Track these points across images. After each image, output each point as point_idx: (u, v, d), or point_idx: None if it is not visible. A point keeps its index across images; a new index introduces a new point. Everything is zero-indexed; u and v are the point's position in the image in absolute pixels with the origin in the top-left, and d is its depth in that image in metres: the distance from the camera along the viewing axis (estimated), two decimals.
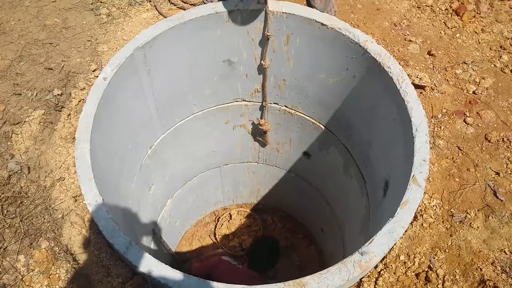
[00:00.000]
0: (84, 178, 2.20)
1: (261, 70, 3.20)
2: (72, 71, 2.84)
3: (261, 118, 3.85)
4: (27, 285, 1.99)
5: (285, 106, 3.64)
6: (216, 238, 5.35)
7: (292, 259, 5.27)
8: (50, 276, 2.04)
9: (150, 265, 2.04)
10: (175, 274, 2.04)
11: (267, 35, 2.80)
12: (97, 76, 2.48)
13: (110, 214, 2.16)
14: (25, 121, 2.57)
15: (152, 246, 4.02)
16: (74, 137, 2.22)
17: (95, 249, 2.25)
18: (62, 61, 2.84)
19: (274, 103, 3.65)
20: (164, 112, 3.28)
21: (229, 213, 5.57)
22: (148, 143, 3.38)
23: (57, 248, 2.16)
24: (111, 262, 2.22)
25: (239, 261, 4.98)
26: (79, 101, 2.76)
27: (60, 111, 2.70)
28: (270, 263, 3.61)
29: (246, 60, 3.17)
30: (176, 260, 4.74)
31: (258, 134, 4.16)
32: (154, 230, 4.06)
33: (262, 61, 3.05)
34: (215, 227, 5.48)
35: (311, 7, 3.26)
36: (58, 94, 2.69)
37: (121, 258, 2.22)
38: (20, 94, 2.64)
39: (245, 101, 3.66)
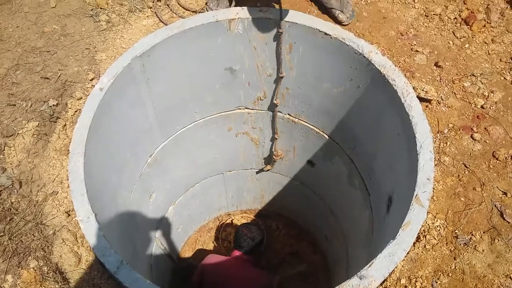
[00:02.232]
0: (76, 193, 2.16)
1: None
2: (69, 80, 2.78)
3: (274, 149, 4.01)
4: None
5: (288, 114, 3.58)
6: (220, 244, 5.31)
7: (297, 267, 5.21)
8: None
9: (141, 286, 2.00)
10: None
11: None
12: (95, 86, 2.42)
13: (102, 231, 2.11)
14: (18, 133, 2.53)
15: (154, 253, 3.98)
16: (69, 150, 2.16)
17: (86, 267, 2.20)
18: (59, 70, 2.78)
19: (278, 111, 3.58)
20: (164, 121, 3.23)
21: (232, 219, 5.52)
22: (148, 152, 3.33)
23: (46, 268, 2.11)
24: (102, 281, 2.16)
25: None
26: (75, 111, 2.70)
27: (55, 122, 2.64)
28: (254, 247, 3.67)
29: (248, 68, 3.11)
30: (178, 266, 4.71)
31: (268, 161, 4.33)
32: (156, 237, 4.03)
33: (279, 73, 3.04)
34: (219, 232, 5.43)
35: (327, 8, 3.19)
36: (53, 105, 2.64)
37: (112, 277, 2.17)
38: (15, 105, 2.59)
39: (248, 108, 3.60)
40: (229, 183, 4.81)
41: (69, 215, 2.37)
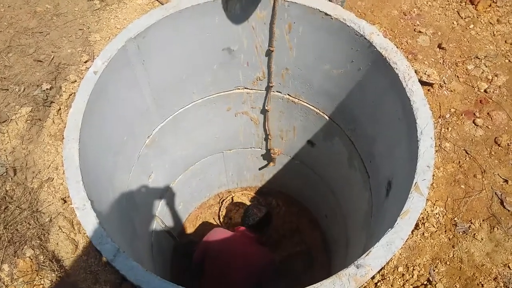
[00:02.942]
0: (71, 181, 2.13)
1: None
2: (62, 62, 2.71)
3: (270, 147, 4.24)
4: None
5: (288, 94, 3.51)
6: (220, 221, 5.33)
7: (297, 243, 5.25)
8: (34, 287, 1.99)
9: (137, 275, 1.99)
10: (163, 284, 1.99)
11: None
12: (89, 68, 2.37)
13: (99, 218, 2.09)
14: (11, 119, 2.48)
15: (154, 231, 4.00)
16: (63, 135, 2.13)
17: (83, 254, 2.19)
18: (52, 52, 2.71)
19: (277, 91, 3.52)
20: (161, 102, 3.18)
21: (233, 196, 5.52)
22: (146, 133, 3.28)
23: (42, 257, 2.10)
24: (100, 268, 2.16)
25: None
26: (70, 95, 2.64)
27: (49, 106, 2.59)
28: (260, 226, 3.67)
29: (247, 48, 3.03)
30: (179, 243, 4.74)
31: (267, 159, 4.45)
32: (156, 216, 4.04)
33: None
34: (219, 209, 5.45)
35: None
36: (47, 89, 2.57)
37: (109, 264, 2.17)
38: (7, 90, 2.53)
39: (247, 88, 3.53)
40: (229, 161, 4.79)
41: (65, 201, 2.35)
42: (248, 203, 5.46)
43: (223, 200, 5.52)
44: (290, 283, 4.27)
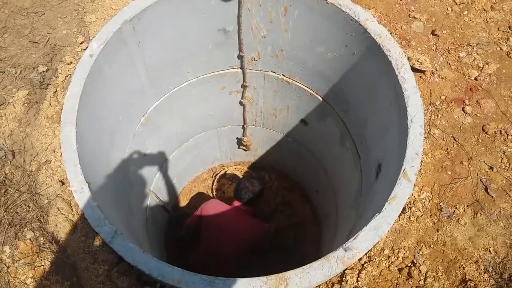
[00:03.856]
0: (69, 164, 2.17)
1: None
2: (58, 44, 2.71)
3: (243, 135, 4.58)
4: (13, 277, 2.02)
5: (282, 75, 3.55)
6: (213, 194, 5.42)
7: (288, 216, 5.37)
8: (35, 268, 2.06)
9: (134, 256, 2.06)
10: (159, 265, 2.07)
11: None
12: (85, 49, 2.38)
13: (96, 201, 2.15)
14: (9, 102, 2.50)
15: (148, 206, 4.08)
16: (60, 118, 2.16)
17: (81, 234, 2.25)
18: (48, 33, 2.70)
19: (272, 71, 3.55)
20: (156, 81, 3.20)
21: (226, 171, 5.59)
22: (141, 112, 3.32)
23: (42, 239, 2.16)
24: (98, 248, 2.23)
25: None
26: (66, 77, 2.65)
27: (46, 88, 2.60)
28: (252, 198, 3.80)
29: (242, 29, 3.03)
30: (173, 216, 4.84)
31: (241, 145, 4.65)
32: (151, 191, 4.11)
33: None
34: (213, 183, 5.53)
35: None
36: (43, 71, 2.58)
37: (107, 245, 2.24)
38: (4, 72, 2.54)
39: (242, 68, 3.55)
40: (223, 138, 4.84)
41: (63, 183, 2.39)
42: (241, 177, 5.54)
43: (216, 174, 5.60)
44: (281, 256, 4.40)
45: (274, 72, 3.54)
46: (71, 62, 2.70)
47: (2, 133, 2.46)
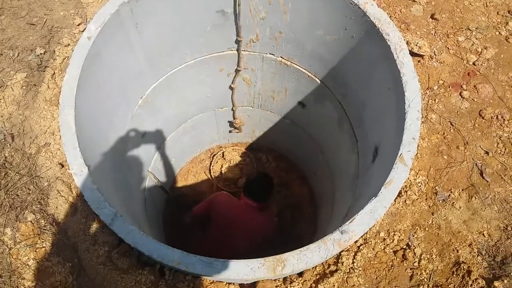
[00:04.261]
0: (68, 147, 2.18)
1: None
2: (55, 26, 2.69)
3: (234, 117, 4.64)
4: (15, 258, 2.05)
5: (281, 57, 3.53)
6: (211, 175, 5.45)
7: (285, 197, 5.41)
8: (36, 250, 2.09)
9: (134, 238, 2.09)
10: (158, 247, 2.10)
11: None
12: (82, 31, 2.36)
13: (96, 184, 2.17)
14: (7, 85, 2.49)
15: (147, 187, 4.11)
16: (59, 101, 2.16)
17: (82, 216, 2.28)
18: (45, 14, 2.67)
19: (270, 54, 3.54)
20: (154, 63, 3.19)
21: (224, 152, 5.61)
22: (139, 94, 3.31)
23: (43, 221, 2.18)
24: (98, 230, 2.26)
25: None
26: (64, 59, 2.64)
27: (44, 71, 2.59)
28: (264, 196, 3.73)
29: (241, 11, 3.01)
30: (171, 196, 4.88)
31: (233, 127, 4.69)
32: (149, 172, 4.13)
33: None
34: (210, 163, 5.55)
35: None
36: (41, 53, 2.56)
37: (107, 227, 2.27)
38: (2, 54, 2.52)
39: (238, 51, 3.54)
40: (221, 119, 4.84)
41: (62, 166, 2.41)
42: (238, 158, 5.56)
43: (214, 155, 5.61)
44: (278, 236, 4.46)
45: (272, 54, 3.53)
46: (69, 44, 2.69)
47: (1, 116, 2.46)
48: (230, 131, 5.17)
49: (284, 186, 5.49)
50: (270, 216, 3.74)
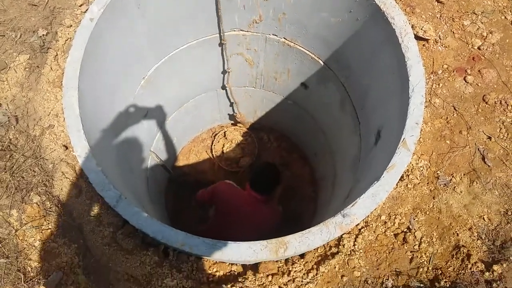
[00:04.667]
0: (73, 129, 2.19)
1: None
2: (57, 6, 2.66)
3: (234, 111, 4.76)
4: (21, 239, 2.08)
5: (284, 38, 3.51)
6: (212, 154, 5.47)
7: (286, 177, 5.43)
8: (43, 231, 2.12)
9: (139, 220, 2.12)
10: (163, 228, 2.13)
11: None
12: (84, 12, 2.34)
13: (100, 166, 2.18)
14: (10, 67, 2.47)
15: (149, 166, 4.13)
16: (62, 83, 2.16)
17: (86, 198, 2.30)
18: None
19: (273, 35, 3.51)
20: (157, 44, 3.17)
21: (225, 131, 5.62)
22: (141, 75, 3.31)
23: (48, 203, 2.20)
24: (103, 211, 2.29)
25: (235, 176, 5.16)
26: (66, 40, 2.62)
27: (47, 52, 2.57)
28: (270, 188, 3.55)
29: None
30: (173, 175, 4.91)
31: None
32: (151, 151, 4.15)
33: None
34: (212, 143, 5.57)
35: None
36: (43, 35, 2.54)
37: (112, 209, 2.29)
38: (4, 36, 2.50)
39: (243, 31, 3.52)
40: (222, 99, 4.83)
41: (66, 148, 2.41)
42: (240, 138, 5.57)
43: (215, 134, 5.62)
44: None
45: (275, 35, 3.50)
46: (71, 25, 2.67)
47: (4, 98, 2.46)
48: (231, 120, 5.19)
49: (285, 166, 5.51)
50: (274, 207, 3.65)
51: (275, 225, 3.54)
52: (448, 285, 2.15)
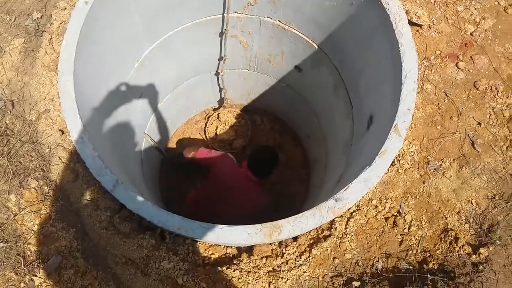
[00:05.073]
0: (69, 114, 2.20)
1: None
2: None
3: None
4: (20, 224, 2.11)
5: (279, 21, 3.51)
6: (205, 136, 5.49)
7: (280, 157, 5.46)
8: (41, 216, 2.16)
9: (135, 204, 2.15)
10: (159, 213, 2.17)
11: None
12: None
13: (97, 151, 2.21)
14: (5, 51, 2.46)
15: (143, 149, 4.15)
16: (57, 67, 2.16)
17: (83, 182, 2.33)
18: None
19: (268, 17, 3.50)
20: (151, 26, 3.16)
21: (219, 113, 5.63)
22: (136, 57, 3.30)
23: (46, 188, 2.23)
24: (100, 195, 2.32)
25: None
26: (61, 23, 2.60)
27: (41, 36, 2.56)
28: (267, 171, 3.64)
29: None
30: (167, 157, 4.94)
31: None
32: (145, 133, 4.17)
33: None
34: (205, 125, 5.58)
35: None
36: (38, 18, 2.52)
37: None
38: None
39: (237, 13, 3.50)
40: (216, 81, 4.83)
41: (63, 132, 2.43)
42: (234, 120, 5.59)
43: (209, 116, 5.63)
44: (272, 196, 4.55)
45: (270, 18, 3.50)
46: (66, 8, 2.65)
47: (0, 82, 2.45)
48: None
49: (278, 147, 5.56)
50: (263, 192, 3.70)
51: (259, 210, 3.57)
52: (436, 267, 2.23)
